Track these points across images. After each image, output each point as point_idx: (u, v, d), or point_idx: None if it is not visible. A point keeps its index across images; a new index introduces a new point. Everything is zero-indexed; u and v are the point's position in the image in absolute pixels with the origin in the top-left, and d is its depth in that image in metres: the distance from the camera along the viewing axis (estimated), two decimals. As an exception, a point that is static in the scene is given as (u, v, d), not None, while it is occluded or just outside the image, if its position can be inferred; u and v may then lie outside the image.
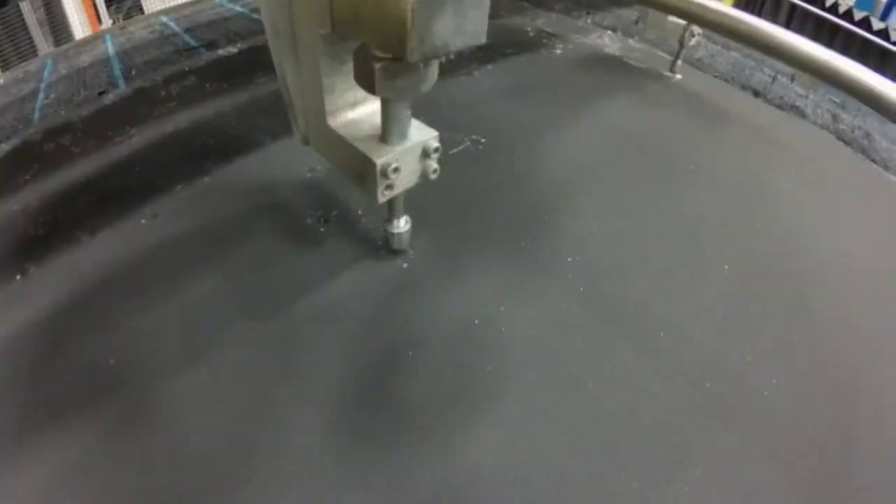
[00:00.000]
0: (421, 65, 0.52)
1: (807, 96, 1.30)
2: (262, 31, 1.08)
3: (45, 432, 0.57)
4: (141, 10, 4.35)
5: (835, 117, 1.22)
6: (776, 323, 0.72)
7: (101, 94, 1.14)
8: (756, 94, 1.27)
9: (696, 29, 1.19)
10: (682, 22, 1.18)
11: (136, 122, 1.02)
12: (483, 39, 0.49)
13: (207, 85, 1.11)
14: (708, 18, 0.81)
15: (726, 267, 0.79)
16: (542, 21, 1.53)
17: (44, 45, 3.74)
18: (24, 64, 1.50)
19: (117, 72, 1.22)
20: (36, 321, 0.68)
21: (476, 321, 0.67)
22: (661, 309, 0.72)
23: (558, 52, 1.35)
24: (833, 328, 0.73)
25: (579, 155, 0.98)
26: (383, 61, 0.51)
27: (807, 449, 0.59)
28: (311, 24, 0.56)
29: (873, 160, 1.12)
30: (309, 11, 0.55)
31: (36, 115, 1.12)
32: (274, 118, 0.97)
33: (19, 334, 0.67)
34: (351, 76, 0.57)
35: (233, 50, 1.29)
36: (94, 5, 4.06)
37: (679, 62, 1.28)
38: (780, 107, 1.25)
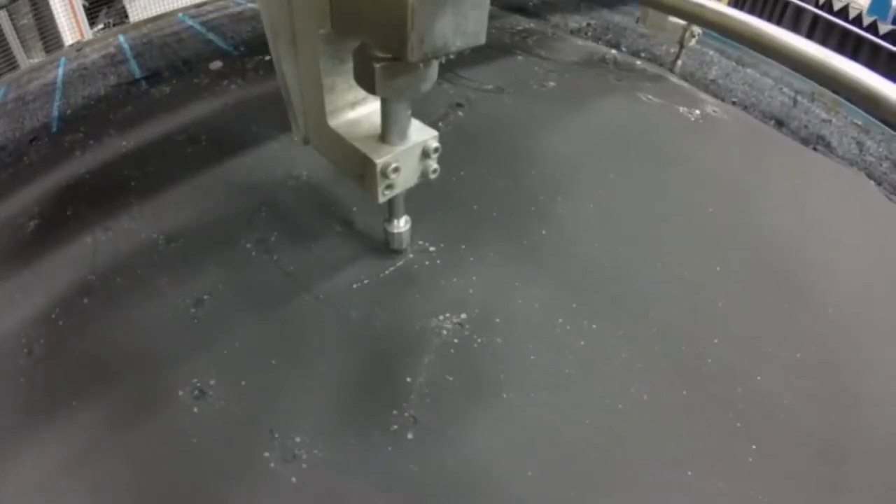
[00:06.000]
0: (421, 65, 0.52)
1: (830, 122, 1.29)
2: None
3: (46, 426, 0.57)
4: (125, 15, 4.35)
5: (860, 146, 1.21)
6: (776, 323, 0.72)
7: (31, 141, 1.03)
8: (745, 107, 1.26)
9: (696, 29, 1.19)
10: (682, 22, 1.18)
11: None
12: (483, 40, 0.49)
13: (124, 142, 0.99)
14: (707, 18, 0.81)
15: (724, 264, 0.79)
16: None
17: (23, 55, 3.71)
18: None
19: (56, 110, 1.13)
20: (37, 316, 0.68)
21: (475, 316, 0.67)
22: (660, 305, 0.72)
23: (544, 52, 1.34)
24: (831, 327, 0.73)
25: (577, 153, 0.98)
26: (383, 61, 0.51)
27: (807, 446, 0.60)
28: (310, 24, 0.56)
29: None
30: (309, 11, 0.55)
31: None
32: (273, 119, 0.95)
33: (21, 330, 0.67)
34: (351, 76, 0.57)
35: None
36: (77, 10, 4.04)
37: (679, 62, 1.28)
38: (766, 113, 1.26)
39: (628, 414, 0.60)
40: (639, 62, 1.34)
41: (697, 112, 1.14)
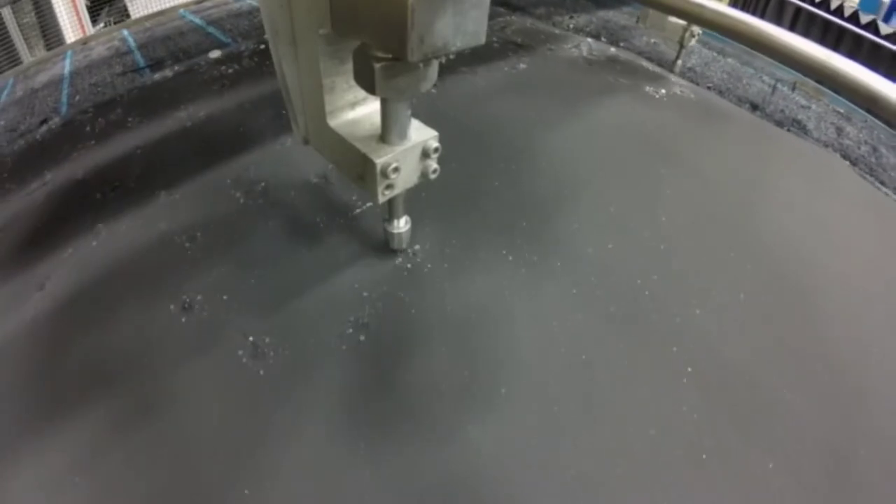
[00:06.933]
0: (421, 65, 0.52)
1: (809, 108, 1.30)
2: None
3: (49, 427, 0.57)
4: (127, 14, 4.36)
5: (839, 131, 1.22)
6: (720, 267, 0.78)
7: (41, 122, 1.10)
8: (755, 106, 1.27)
9: (696, 29, 1.19)
10: (682, 22, 1.18)
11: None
12: (482, 39, 0.49)
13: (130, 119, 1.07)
14: (707, 18, 0.81)
15: (669, 215, 0.81)
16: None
17: (26, 51, 3.71)
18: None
19: (65, 97, 1.21)
20: (40, 316, 0.69)
21: (477, 315, 0.68)
22: (601, 244, 0.74)
23: (549, 52, 1.35)
24: (776, 274, 0.76)
25: (577, 153, 0.98)
26: (383, 61, 0.51)
27: (813, 446, 0.60)
28: (310, 24, 0.56)
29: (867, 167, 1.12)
30: (309, 11, 0.55)
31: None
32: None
33: (24, 329, 0.67)
34: (351, 76, 0.57)
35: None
36: (80, 9, 4.04)
37: (679, 62, 1.28)
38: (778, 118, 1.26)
39: (560, 331, 0.66)
40: (613, 49, 1.38)
41: (663, 91, 1.19)
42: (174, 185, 0.87)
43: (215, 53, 1.27)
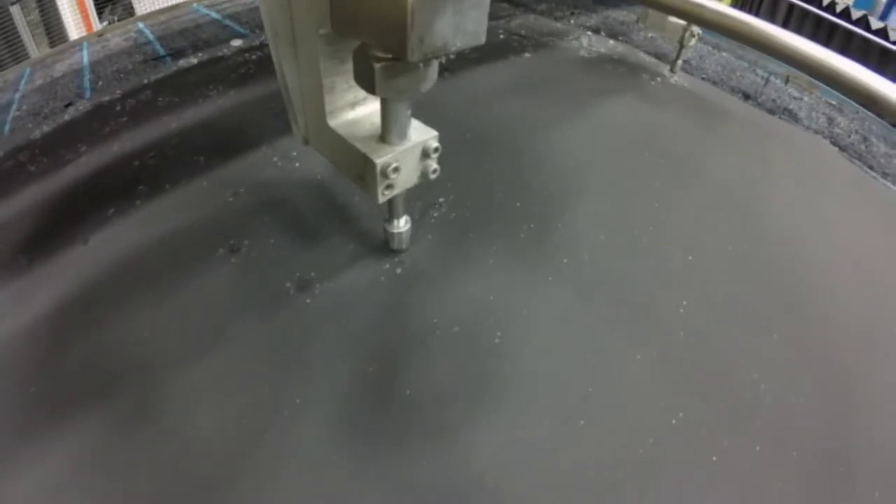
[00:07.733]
0: (421, 65, 0.52)
1: (801, 99, 1.31)
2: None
3: (49, 429, 0.57)
4: (132, 13, 4.35)
5: (830, 121, 1.23)
6: (709, 223, 0.84)
7: (66, 105, 1.12)
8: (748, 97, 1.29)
9: (696, 29, 1.19)
10: (682, 22, 1.18)
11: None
12: (483, 39, 0.49)
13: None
14: (707, 18, 0.81)
15: (726, 265, 0.79)
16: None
17: (34, 47, 3.71)
18: (4, 72, 1.49)
19: (87, 83, 1.23)
20: (40, 317, 0.68)
21: (477, 318, 0.68)
22: (662, 306, 0.72)
23: (554, 51, 1.36)
24: (832, 330, 0.74)
25: (578, 153, 0.99)
26: (383, 61, 0.51)
27: (811, 447, 0.60)
28: (310, 24, 0.56)
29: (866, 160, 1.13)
30: (309, 11, 0.55)
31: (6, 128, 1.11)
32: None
33: (23, 330, 0.67)
34: (351, 76, 0.57)
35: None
36: (87, 6, 4.04)
37: (679, 62, 1.28)
38: (772, 111, 1.26)
39: (571, 271, 0.75)
40: (611, 42, 1.41)
41: (658, 79, 1.25)
42: (212, 152, 0.91)
43: (237, 42, 1.31)
